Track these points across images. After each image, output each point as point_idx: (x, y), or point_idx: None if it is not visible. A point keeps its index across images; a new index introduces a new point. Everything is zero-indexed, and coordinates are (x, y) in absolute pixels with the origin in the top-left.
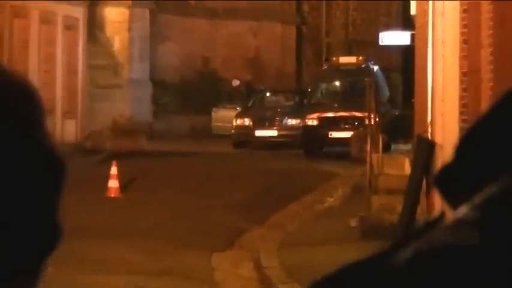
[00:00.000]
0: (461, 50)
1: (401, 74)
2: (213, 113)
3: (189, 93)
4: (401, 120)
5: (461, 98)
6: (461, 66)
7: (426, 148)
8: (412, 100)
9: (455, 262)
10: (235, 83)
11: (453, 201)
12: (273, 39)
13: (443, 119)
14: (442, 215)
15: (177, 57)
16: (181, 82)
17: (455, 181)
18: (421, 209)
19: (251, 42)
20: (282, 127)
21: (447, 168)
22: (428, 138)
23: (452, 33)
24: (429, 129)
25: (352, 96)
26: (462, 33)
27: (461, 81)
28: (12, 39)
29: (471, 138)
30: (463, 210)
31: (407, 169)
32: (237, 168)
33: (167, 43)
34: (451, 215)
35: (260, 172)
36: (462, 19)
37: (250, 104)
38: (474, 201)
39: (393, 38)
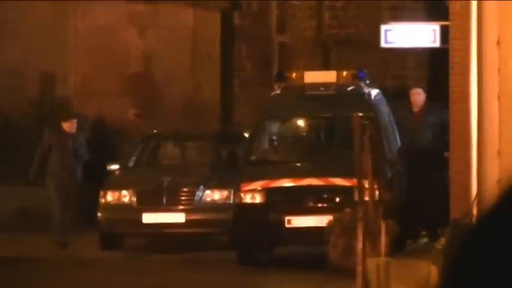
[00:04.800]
0: None
1: None
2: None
3: (15, 145)
4: (425, 193)
5: None
6: None
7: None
8: (445, 154)
9: None
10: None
11: None
12: (177, 37)
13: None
14: None
15: None
16: None
17: None
18: None
19: (135, 44)
20: (194, 207)
21: None
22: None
23: None
24: (475, 211)
25: (329, 147)
26: None
27: None
28: None
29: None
30: None
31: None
32: None
33: None
34: None
35: None
36: None
37: (132, 163)
38: None
39: (407, 35)
